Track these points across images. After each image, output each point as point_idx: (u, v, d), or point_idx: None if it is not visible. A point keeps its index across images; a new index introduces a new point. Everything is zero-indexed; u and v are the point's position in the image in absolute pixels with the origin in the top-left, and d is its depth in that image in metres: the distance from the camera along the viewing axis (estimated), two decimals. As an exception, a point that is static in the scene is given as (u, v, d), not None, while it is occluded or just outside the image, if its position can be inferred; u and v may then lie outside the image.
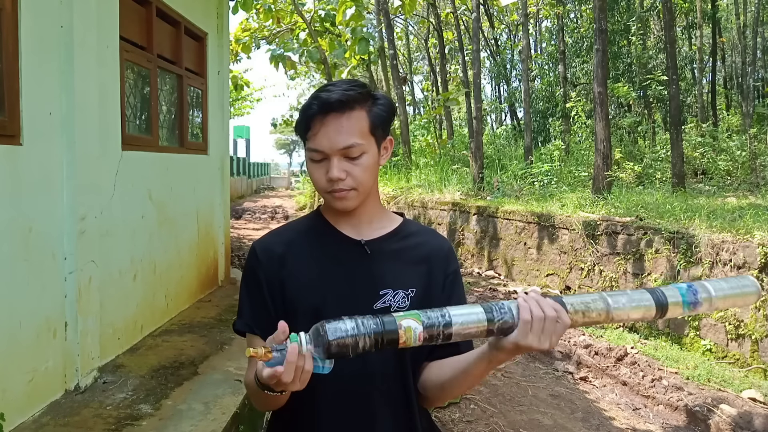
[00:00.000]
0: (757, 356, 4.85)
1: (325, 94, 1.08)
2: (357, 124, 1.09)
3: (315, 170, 1.11)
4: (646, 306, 1.01)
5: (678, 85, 9.22)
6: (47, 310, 2.88)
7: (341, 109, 1.07)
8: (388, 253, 1.17)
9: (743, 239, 5.10)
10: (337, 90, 1.08)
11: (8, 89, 2.64)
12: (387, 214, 1.25)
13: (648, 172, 10.34)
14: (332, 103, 1.07)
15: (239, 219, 15.84)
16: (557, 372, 5.04)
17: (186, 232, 4.91)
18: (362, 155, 1.10)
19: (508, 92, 20.79)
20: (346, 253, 1.16)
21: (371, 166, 1.12)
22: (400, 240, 1.20)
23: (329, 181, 1.09)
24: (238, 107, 26.01)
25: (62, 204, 2.99)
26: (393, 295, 1.14)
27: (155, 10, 4.34)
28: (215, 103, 5.71)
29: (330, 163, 1.08)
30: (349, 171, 1.09)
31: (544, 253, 7.62)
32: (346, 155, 1.08)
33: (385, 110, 1.14)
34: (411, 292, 1.16)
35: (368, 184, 1.13)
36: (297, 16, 13.34)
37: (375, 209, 1.21)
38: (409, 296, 1.15)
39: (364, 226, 1.19)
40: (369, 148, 1.11)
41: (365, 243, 1.17)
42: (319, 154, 1.09)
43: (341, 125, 1.08)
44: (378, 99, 1.14)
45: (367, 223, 1.19)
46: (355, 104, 1.09)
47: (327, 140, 1.08)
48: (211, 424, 2.70)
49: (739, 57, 14.90)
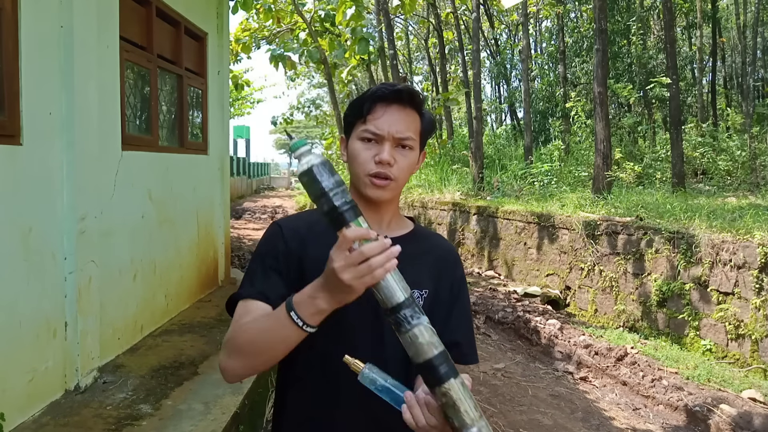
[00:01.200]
0: (757, 356, 4.85)
1: (395, 86, 1.14)
2: (414, 123, 1.16)
3: (363, 150, 1.14)
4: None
5: (678, 85, 9.22)
6: (47, 310, 2.88)
7: (404, 105, 1.14)
8: (405, 253, 1.16)
9: (743, 239, 5.10)
10: (406, 89, 1.15)
11: (8, 89, 2.64)
12: (402, 218, 1.28)
13: (648, 172, 10.34)
14: (402, 95, 1.14)
15: (239, 219, 15.86)
16: (557, 372, 5.04)
17: (186, 232, 4.90)
18: (412, 150, 1.16)
19: (508, 92, 20.79)
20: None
21: (413, 165, 1.17)
22: (415, 242, 1.22)
23: (378, 162, 1.12)
24: (238, 107, 26.02)
25: (62, 204, 2.99)
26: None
27: (155, 10, 4.33)
28: (215, 103, 5.71)
29: (383, 147, 1.12)
30: (397, 160, 1.13)
31: (544, 253, 7.61)
32: (398, 144, 1.14)
33: (430, 124, 1.22)
34: (424, 292, 1.18)
35: (405, 179, 1.17)
36: (297, 16, 13.34)
37: (395, 211, 1.25)
38: (423, 296, 1.18)
39: (384, 225, 1.21)
40: (416, 148, 1.17)
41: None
42: (375, 136, 1.13)
43: (403, 116, 1.14)
44: (425, 112, 1.21)
45: (387, 223, 1.22)
46: (415, 106, 1.17)
47: (388, 125, 1.12)
48: (211, 424, 2.69)
49: (739, 57, 14.90)
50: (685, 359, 5.00)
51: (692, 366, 4.83)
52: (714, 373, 4.67)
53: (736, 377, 4.66)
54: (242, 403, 2.99)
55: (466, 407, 0.90)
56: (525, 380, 4.74)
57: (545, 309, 6.71)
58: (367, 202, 1.17)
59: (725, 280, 5.18)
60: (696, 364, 4.87)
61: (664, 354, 5.08)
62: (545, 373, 5.02)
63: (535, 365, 5.21)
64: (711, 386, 4.43)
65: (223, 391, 3.09)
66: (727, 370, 4.84)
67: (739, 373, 4.77)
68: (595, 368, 5.01)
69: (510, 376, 4.78)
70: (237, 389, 3.12)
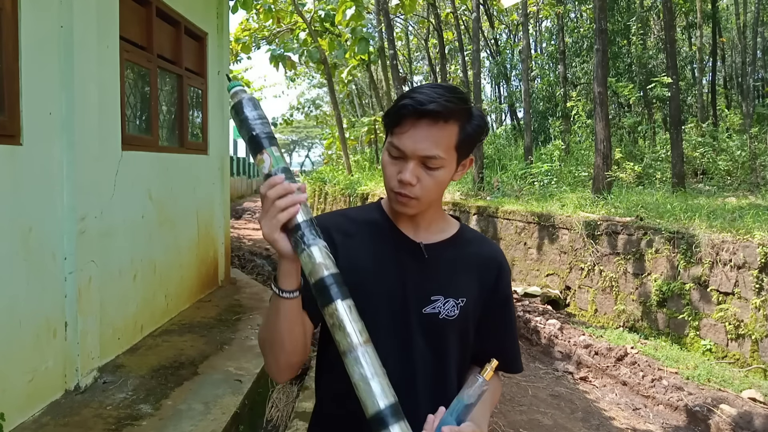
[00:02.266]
0: (757, 356, 4.85)
1: (425, 98, 1.04)
2: (446, 138, 1.06)
3: (389, 165, 1.10)
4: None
5: (678, 85, 9.22)
6: (47, 310, 2.88)
7: (435, 119, 1.04)
8: (444, 259, 1.16)
9: (743, 239, 5.10)
10: (438, 98, 1.04)
11: (8, 89, 2.64)
12: (445, 218, 1.23)
13: (648, 172, 10.33)
14: (429, 111, 1.03)
15: (239, 219, 15.86)
16: (557, 372, 5.04)
17: (186, 232, 4.90)
18: (439, 169, 1.07)
19: (508, 92, 20.77)
20: (403, 253, 1.15)
21: (443, 182, 1.10)
22: (457, 247, 1.19)
23: (399, 182, 1.07)
24: (238, 107, 25.97)
25: (62, 204, 2.99)
26: (444, 302, 1.13)
27: (155, 10, 4.34)
28: (215, 103, 5.71)
29: (406, 165, 1.06)
30: (421, 179, 1.07)
31: (544, 253, 7.61)
32: (424, 163, 1.06)
33: (477, 130, 1.11)
34: (461, 301, 1.14)
35: (433, 197, 1.11)
36: (297, 16, 13.34)
37: (435, 214, 1.20)
38: (459, 305, 1.14)
39: (423, 229, 1.18)
40: (448, 164, 1.08)
41: (424, 246, 1.15)
42: (400, 152, 1.07)
43: (431, 134, 1.05)
44: (474, 117, 1.10)
45: (425, 227, 1.18)
46: (451, 117, 1.05)
47: (412, 143, 1.05)
48: (211, 424, 2.70)
49: (739, 57, 14.89)
50: (685, 359, 5.00)
51: (692, 366, 4.83)
52: (714, 373, 4.67)
53: (736, 377, 4.66)
54: (242, 403, 2.99)
55: (352, 329, 0.90)
56: (525, 380, 4.74)
57: (545, 309, 6.71)
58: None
59: (725, 280, 5.18)
60: (696, 364, 4.87)
61: (664, 354, 5.08)
62: (545, 373, 5.02)
63: (535, 365, 5.21)
64: (711, 386, 4.43)
65: (223, 391, 3.09)
66: (727, 370, 4.83)
67: (739, 373, 4.77)
68: (595, 368, 5.01)
69: (510, 376, 4.78)
70: (237, 389, 3.12)
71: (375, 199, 10.52)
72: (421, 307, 1.12)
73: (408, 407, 1.07)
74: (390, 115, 1.09)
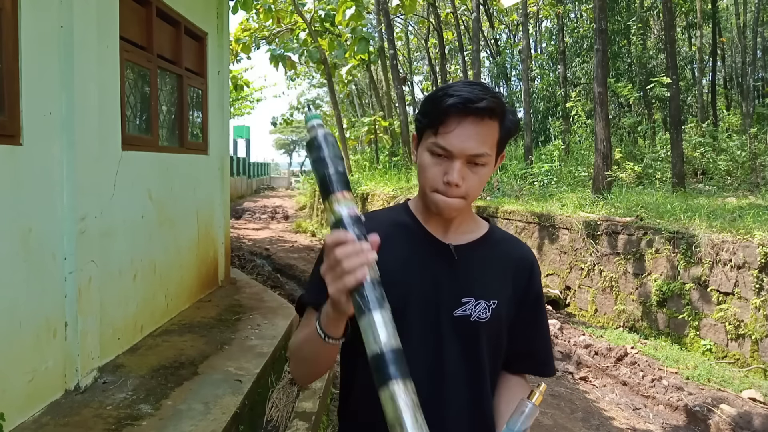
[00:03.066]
0: (757, 356, 4.85)
1: (471, 95, 1.03)
2: (490, 135, 1.06)
3: (432, 166, 1.06)
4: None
5: (678, 85, 9.22)
6: (47, 310, 2.88)
7: (482, 116, 1.04)
8: (475, 260, 1.14)
9: (743, 239, 5.10)
10: (483, 95, 1.03)
11: (8, 89, 2.64)
12: (475, 218, 1.22)
13: (648, 172, 10.33)
14: (478, 107, 1.02)
15: (239, 219, 15.86)
16: (557, 372, 5.04)
17: (186, 232, 4.90)
18: (484, 166, 1.07)
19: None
20: (433, 255, 1.13)
21: (486, 179, 1.09)
22: (487, 248, 1.17)
23: (446, 183, 1.05)
24: (238, 107, 26.02)
25: (62, 204, 2.99)
26: (475, 304, 1.11)
27: (155, 10, 4.33)
28: (215, 103, 5.71)
29: (452, 165, 1.04)
30: (467, 178, 1.06)
31: (545, 253, 7.62)
32: (471, 162, 1.05)
33: (513, 126, 1.11)
34: (493, 303, 1.13)
35: (477, 194, 1.10)
36: (297, 16, 13.34)
37: (466, 215, 1.18)
38: (490, 307, 1.12)
39: (452, 230, 1.16)
40: (491, 162, 1.09)
41: (454, 248, 1.14)
42: (446, 152, 1.05)
43: (478, 131, 1.04)
44: (509, 113, 1.10)
45: (456, 227, 1.16)
46: (494, 114, 1.05)
47: (459, 142, 1.03)
48: (211, 424, 2.70)
49: (739, 57, 14.89)
50: (685, 359, 5.00)
51: (692, 366, 4.83)
52: (714, 373, 4.67)
53: (736, 377, 4.66)
54: (242, 403, 2.99)
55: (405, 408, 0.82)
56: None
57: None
58: (435, 212, 1.13)
59: (725, 280, 5.18)
60: (696, 364, 4.87)
61: (664, 354, 5.08)
62: (545, 373, 5.02)
63: (535, 365, 5.21)
64: (711, 386, 4.43)
65: (223, 391, 3.09)
66: (727, 370, 4.84)
67: (739, 373, 4.77)
68: (595, 368, 5.01)
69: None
70: (237, 389, 3.12)
71: (375, 199, 10.50)
72: (452, 310, 1.10)
73: (439, 413, 1.08)
74: (432, 114, 1.06)
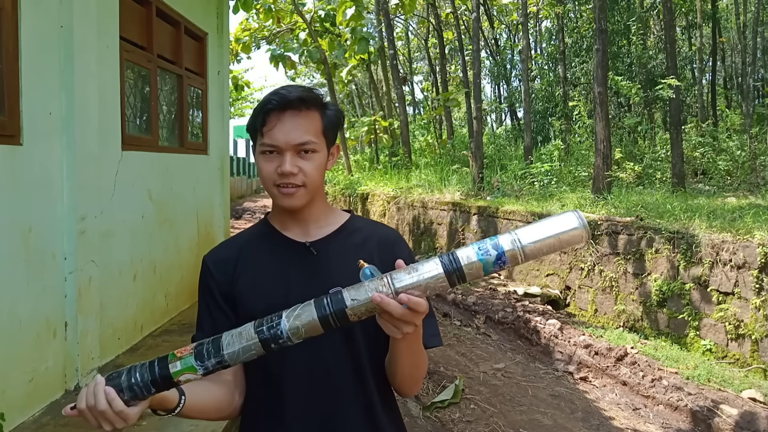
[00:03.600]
0: (757, 356, 4.85)
1: (284, 92, 1.12)
2: (312, 124, 1.13)
3: (266, 164, 1.13)
4: (435, 277, 0.91)
5: (678, 85, 9.22)
6: (47, 310, 2.88)
7: (299, 107, 1.11)
8: (334, 251, 1.18)
9: (743, 239, 5.10)
10: (295, 90, 1.13)
11: (8, 89, 2.64)
12: (334, 212, 1.25)
13: (648, 172, 10.32)
14: (291, 100, 1.11)
15: (239, 219, 15.84)
16: (557, 372, 5.04)
17: (186, 232, 4.90)
18: (314, 153, 1.13)
19: (508, 92, 20.79)
20: (293, 257, 1.17)
21: (321, 165, 1.15)
22: (346, 237, 1.20)
23: (281, 174, 1.11)
24: (238, 107, 26.02)
25: (62, 204, 2.99)
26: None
27: (155, 10, 4.34)
28: (215, 103, 5.71)
29: (283, 158, 1.11)
30: (301, 167, 1.12)
31: (544, 253, 7.62)
32: (299, 151, 1.12)
33: (336, 116, 1.18)
34: None
35: (317, 182, 1.15)
36: (297, 16, 13.34)
37: (321, 209, 1.22)
38: None
39: (312, 227, 1.20)
40: (320, 149, 1.14)
41: (310, 244, 1.18)
42: (273, 147, 1.11)
43: (298, 122, 1.11)
44: (329, 105, 1.18)
45: (314, 223, 1.20)
46: (312, 105, 1.13)
47: (283, 135, 1.10)
48: (211, 424, 2.70)
49: (739, 57, 14.89)
50: (685, 359, 5.00)
51: (692, 366, 4.83)
52: (714, 373, 4.67)
53: (736, 377, 4.66)
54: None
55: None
56: (525, 380, 4.73)
57: (545, 309, 6.71)
58: (286, 211, 1.17)
59: (725, 280, 5.18)
60: (696, 364, 4.87)
61: (664, 354, 5.08)
62: (545, 373, 5.02)
63: (535, 365, 5.21)
64: (711, 386, 4.43)
65: (223, 391, 3.09)
66: (727, 370, 4.84)
67: (739, 373, 4.77)
68: (595, 368, 5.01)
69: (510, 376, 4.78)
70: (237, 389, 3.12)
71: (375, 199, 10.51)
72: None
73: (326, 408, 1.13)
74: (254, 119, 1.14)
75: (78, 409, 0.93)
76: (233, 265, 1.19)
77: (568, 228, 0.91)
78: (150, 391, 0.92)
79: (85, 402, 0.92)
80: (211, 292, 1.19)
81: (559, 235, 0.91)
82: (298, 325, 0.91)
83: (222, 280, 1.18)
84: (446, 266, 0.91)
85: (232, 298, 1.17)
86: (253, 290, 1.15)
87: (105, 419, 0.92)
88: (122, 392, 0.91)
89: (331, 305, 0.91)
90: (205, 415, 1.12)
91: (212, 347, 0.92)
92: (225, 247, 1.25)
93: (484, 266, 0.91)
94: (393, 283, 0.92)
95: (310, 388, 1.13)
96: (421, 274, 0.92)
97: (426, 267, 0.92)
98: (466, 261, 0.91)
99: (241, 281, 1.17)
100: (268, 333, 0.91)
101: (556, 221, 0.93)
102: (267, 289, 1.15)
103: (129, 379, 0.91)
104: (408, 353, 1.09)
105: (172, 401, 1.00)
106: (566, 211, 0.97)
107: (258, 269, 1.17)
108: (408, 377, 1.15)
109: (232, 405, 1.16)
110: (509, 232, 0.93)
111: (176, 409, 1.01)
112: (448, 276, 0.91)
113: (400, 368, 1.13)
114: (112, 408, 0.91)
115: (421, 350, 1.12)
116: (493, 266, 0.91)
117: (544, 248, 0.92)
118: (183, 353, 0.92)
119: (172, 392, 0.99)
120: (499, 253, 0.91)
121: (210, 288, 1.19)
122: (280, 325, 0.91)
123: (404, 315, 0.91)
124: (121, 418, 0.92)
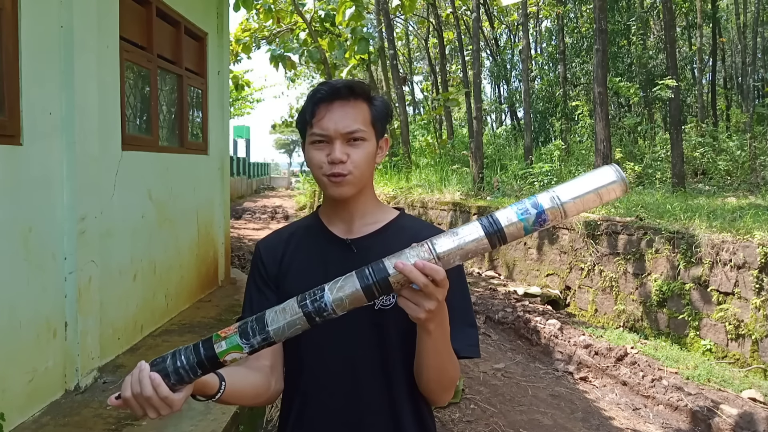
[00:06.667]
0: (757, 356, 4.85)
1: (332, 83, 1.14)
2: (361, 113, 1.14)
3: (316, 154, 1.14)
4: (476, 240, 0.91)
5: (678, 85, 9.22)
6: (47, 310, 2.88)
7: (347, 97, 1.13)
8: (375, 250, 1.13)
9: (743, 239, 5.10)
10: (343, 81, 1.16)
11: (8, 89, 2.64)
12: (383, 209, 1.24)
13: (648, 172, 10.33)
14: (340, 89, 1.13)
15: (239, 219, 15.83)
16: (557, 372, 5.04)
17: (186, 232, 4.90)
18: (364, 142, 1.14)
19: (508, 92, 20.79)
20: (333, 252, 1.18)
21: (370, 155, 1.15)
22: (390, 236, 1.18)
23: (330, 163, 1.11)
24: (238, 107, 26.00)
25: (62, 204, 2.99)
26: None
27: (155, 10, 4.34)
28: (215, 103, 5.71)
29: (333, 146, 1.12)
30: (351, 155, 1.12)
31: (545, 253, 7.62)
32: (348, 139, 1.12)
33: (384, 107, 1.19)
34: None
35: (366, 172, 1.15)
36: (297, 16, 13.33)
37: (369, 204, 1.21)
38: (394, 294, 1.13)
39: (357, 223, 1.19)
40: (369, 138, 1.15)
41: (351, 242, 1.17)
42: (323, 137, 1.12)
43: (347, 111, 1.12)
44: (377, 98, 1.19)
45: (359, 219, 1.19)
46: (360, 95, 1.15)
47: (333, 123, 1.11)
48: (211, 424, 2.70)
49: (739, 57, 14.89)
50: (685, 359, 5.00)
51: (692, 366, 4.83)
52: (714, 373, 4.67)
53: (736, 377, 4.66)
54: (242, 403, 2.98)
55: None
56: (525, 380, 4.73)
57: (545, 309, 6.71)
58: (336, 202, 1.17)
59: (725, 280, 5.18)
60: (696, 364, 4.87)
61: (664, 354, 5.08)
62: (545, 373, 5.02)
63: (535, 365, 5.21)
64: (711, 386, 4.43)
65: (223, 391, 3.09)
66: (727, 370, 4.83)
67: (739, 373, 4.77)
68: (595, 368, 5.01)
69: (510, 376, 4.78)
70: (237, 389, 3.12)
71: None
72: None
73: (356, 403, 1.13)
74: (306, 113, 1.15)
75: (123, 398, 0.91)
76: (281, 252, 1.22)
77: (607, 182, 0.91)
78: (196, 373, 0.91)
79: (131, 390, 0.90)
80: (261, 275, 1.22)
81: (598, 190, 0.91)
82: (342, 296, 0.91)
83: (270, 264, 1.21)
84: (486, 228, 0.91)
85: (276, 283, 1.20)
86: (295, 280, 1.17)
87: (151, 406, 0.90)
88: (167, 377, 0.90)
89: (374, 275, 0.92)
90: (243, 401, 1.11)
91: (257, 324, 0.91)
92: (277, 234, 1.29)
93: (525, 226, 0.91)
94: (434, 249, 0.92)
95: (344, 384, 1.14)
96: (462, 238, 0.91)
97: (466, 230, 0.92)
98: (507, 222, 0.90)
99: (285, 269, 1.20)
100: (312, 306, 0.91)
101: (594, 176, 0.92)
102: (306, 280, 1.12)
103: (174, 363, 0.90)
104: (433, 352, 1.05)
105: (213, 386, 0.99)
106: (604, 167, 0.96)
107: (300, 260, 1.20)
108: (434, 381, 1.12)
109: (269, 391, 1.16)
110: (547, 190, 0.93)
111: (217, 395, 1.00)
112: (489, 238, 0.91)
113: (425, 369, 1.10)
114: (158, 394, 0.89)
115: (449, 353, 1.08)
116: (534, 225, 0.91)
117: (584, 203, 0.91)
118: (227, 333, 0.92)
119: (213, 378, 0.98)
120: (539, 211, 0.90)
121: (259, 270, 1.22)
122: (323, 297, 0.91)
123: (426, 285, 0.91)
124: (166, 404, 0.90)
